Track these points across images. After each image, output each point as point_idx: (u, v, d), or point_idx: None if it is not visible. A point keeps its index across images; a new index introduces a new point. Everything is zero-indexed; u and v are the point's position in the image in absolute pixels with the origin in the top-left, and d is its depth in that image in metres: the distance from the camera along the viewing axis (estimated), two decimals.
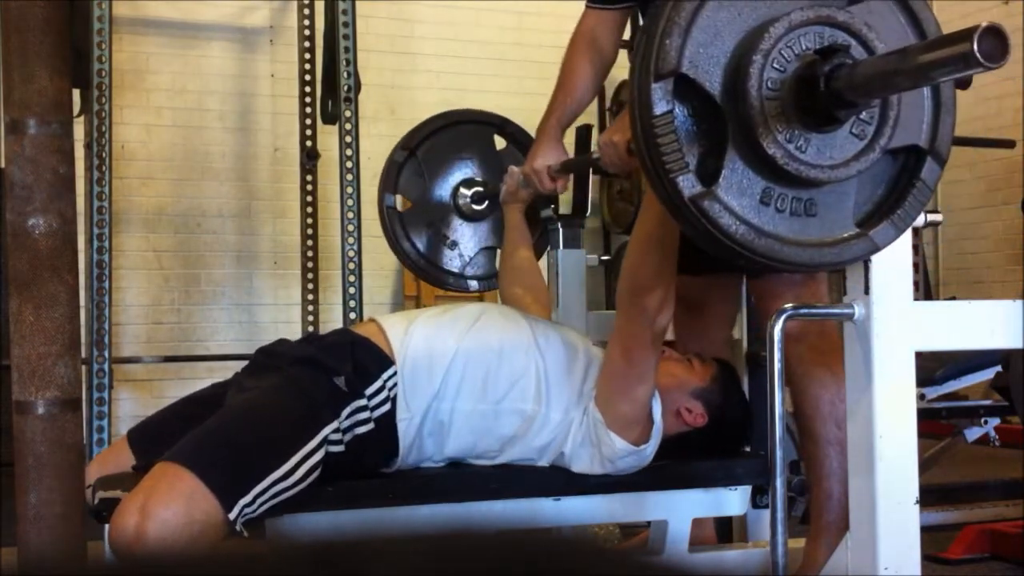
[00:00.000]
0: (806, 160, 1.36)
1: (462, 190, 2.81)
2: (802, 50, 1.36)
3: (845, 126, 1.39)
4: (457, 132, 2.83)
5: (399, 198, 2.81)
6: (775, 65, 1.35)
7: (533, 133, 2.86)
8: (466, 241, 2.83)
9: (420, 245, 2.81)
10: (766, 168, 1.37)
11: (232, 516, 1.66)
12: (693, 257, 1.89)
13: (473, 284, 2.84)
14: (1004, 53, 1.13)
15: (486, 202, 2.80)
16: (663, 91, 1.34)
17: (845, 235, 1.45)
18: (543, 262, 2.85)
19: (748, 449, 2.21)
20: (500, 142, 2.89)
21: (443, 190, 2.82)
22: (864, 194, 1.46)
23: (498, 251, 2.71)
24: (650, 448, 1.97)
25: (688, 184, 1.35)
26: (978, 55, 1.12)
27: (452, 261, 2.82)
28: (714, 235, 1.38)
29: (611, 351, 1.94)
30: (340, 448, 1.85)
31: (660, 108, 1.34)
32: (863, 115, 1.40)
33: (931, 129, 1.46)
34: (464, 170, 2.83)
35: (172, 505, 1.63)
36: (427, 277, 2.87)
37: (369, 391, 1.90)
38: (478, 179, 2.82)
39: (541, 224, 2.80)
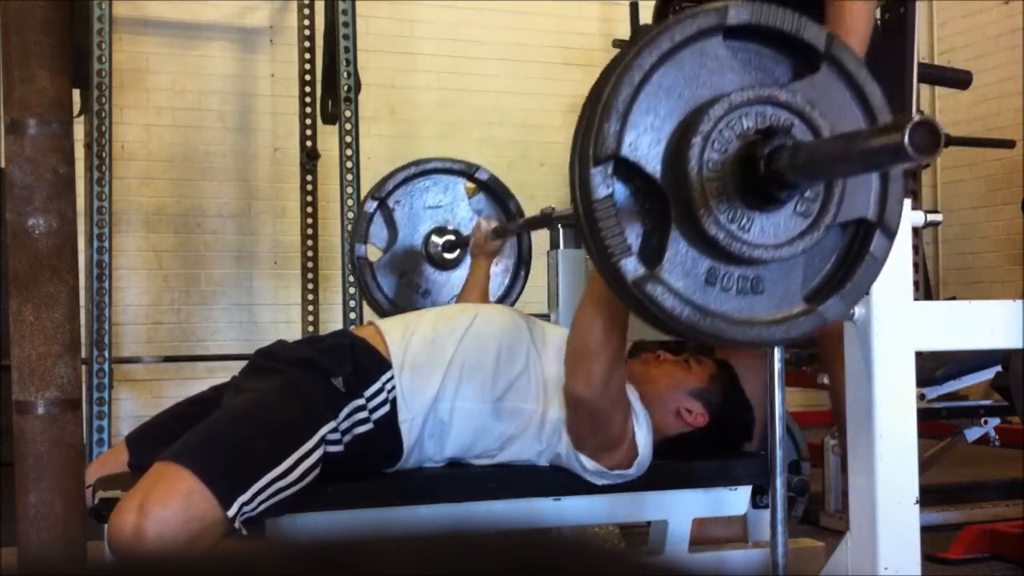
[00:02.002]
0: (749, 240, 1.33)
1: (433, 238, 2.81)
2: (743, 130, 1.33)
3: (789, 204, 1.36)
4: (427, 181, 2.84)
5: (370, 248, 2.81)
6: (715, 146, 1.32)
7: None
8: (438, 289, 2.84)
9: (392, 294, 2.81)
10: (710, 248, 1.35)
11: (231, 514, 1.66)
12: None
13: None
14: (936, 146, 1.12)
15: (457, 250, 2.81)
16: (602, 175, 1.32)
17: (794, 311, 1.41)
18: (543, 262, 2.86)
19: (753, 446, 2.22)
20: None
21: (414, 239, 2.82)
22: (813, 268, 1.44)
23: None
24: (632, 471, 1.95)
25: (631, 267, 1.33)
26: (909, 148, 1.11)
27: None
28: (659, 317, 1.36)
29: (565, 404, 1.91)
30: (339, 448, 1.85)
31: (600, 193, 1.32)
32: (807, 193, 1.37)
33: (879, 202, 1.43)
34: (435, 218, 2.83)
35: (170, 503, 1.63)
36: None
37: (368, 392, 1.91)
38: (449, 227, 2.82)
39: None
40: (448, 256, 2.80)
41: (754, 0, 1.36)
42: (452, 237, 2.80)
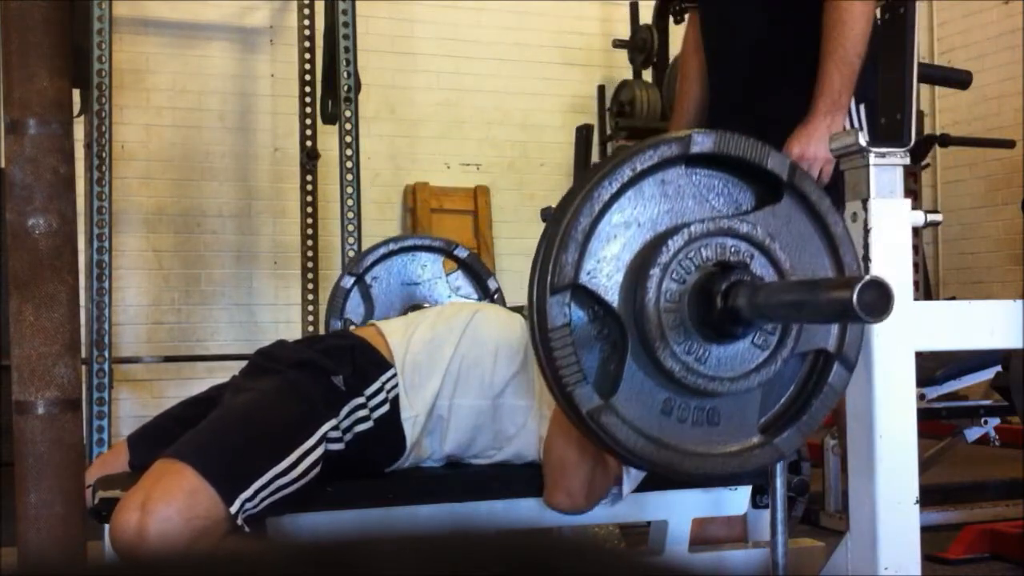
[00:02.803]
0: (705, 373, 1.32)
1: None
2: (702, 261, 1.32)
3: (747, 337, 1.35)
4: (405, 257, 2.83)
5: (348, 323, 2.80)
6: (674, 276, 1.32)
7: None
8: None
9: None
10: (666, 379, 1.34)
11: (233, 510, 1.66)
12: None
13: None
14: (885, 308, 1.10)
15: None
16: (559, 304, 1.31)
17: (749, 443, 1.40)
18: None
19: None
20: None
21: (391, 315, 2.81)
22: (771, 398, 1.42)
23: None
24: (621, 493, 1.96)
25: (585, 397, 1.32)
26: (857, 308, 1.09)
27: None
28: (613, 448, 1.35)
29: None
30: (340, 446, 1.85)
31: (556, 321, 1.31)
32: (766, 326, 1.36)
33: (839, 334, 1.42)
34: (412, 295, 2.83)
35: (173, 501, 1.63)
36: None
37: (368, 391, 1.91)
38: (426, 304, 2.82)
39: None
40: None
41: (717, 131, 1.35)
42: None
